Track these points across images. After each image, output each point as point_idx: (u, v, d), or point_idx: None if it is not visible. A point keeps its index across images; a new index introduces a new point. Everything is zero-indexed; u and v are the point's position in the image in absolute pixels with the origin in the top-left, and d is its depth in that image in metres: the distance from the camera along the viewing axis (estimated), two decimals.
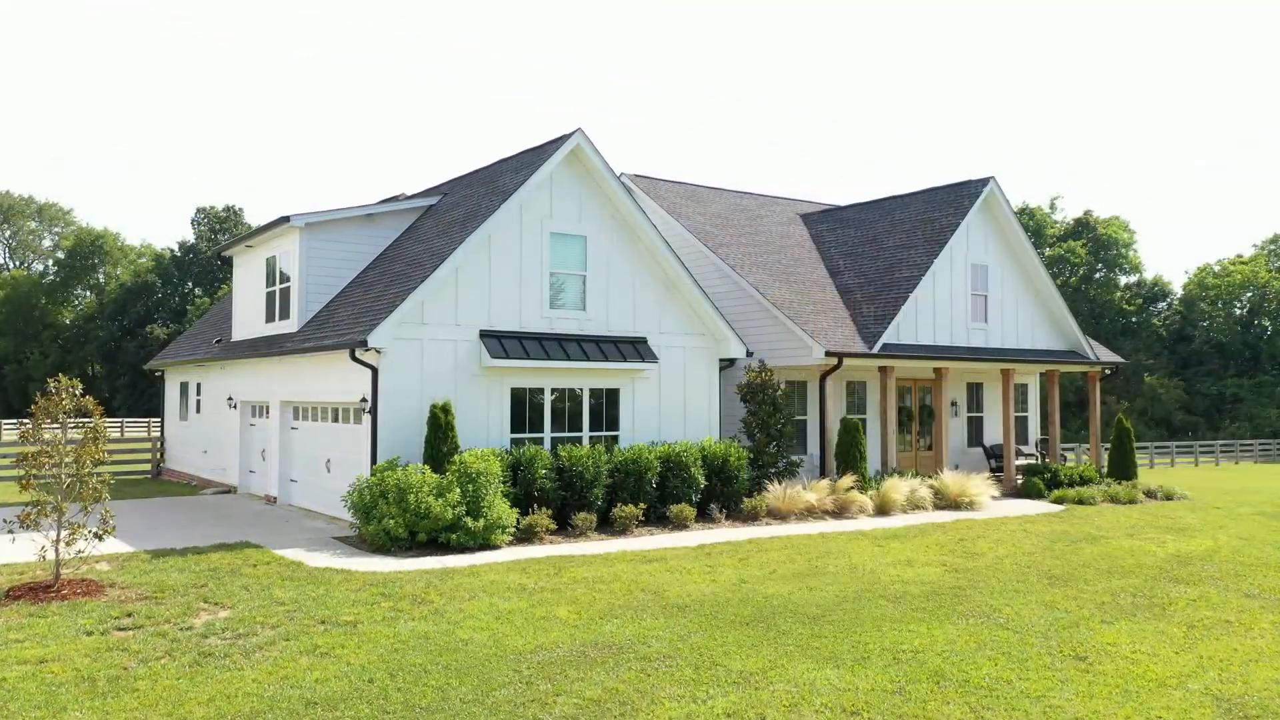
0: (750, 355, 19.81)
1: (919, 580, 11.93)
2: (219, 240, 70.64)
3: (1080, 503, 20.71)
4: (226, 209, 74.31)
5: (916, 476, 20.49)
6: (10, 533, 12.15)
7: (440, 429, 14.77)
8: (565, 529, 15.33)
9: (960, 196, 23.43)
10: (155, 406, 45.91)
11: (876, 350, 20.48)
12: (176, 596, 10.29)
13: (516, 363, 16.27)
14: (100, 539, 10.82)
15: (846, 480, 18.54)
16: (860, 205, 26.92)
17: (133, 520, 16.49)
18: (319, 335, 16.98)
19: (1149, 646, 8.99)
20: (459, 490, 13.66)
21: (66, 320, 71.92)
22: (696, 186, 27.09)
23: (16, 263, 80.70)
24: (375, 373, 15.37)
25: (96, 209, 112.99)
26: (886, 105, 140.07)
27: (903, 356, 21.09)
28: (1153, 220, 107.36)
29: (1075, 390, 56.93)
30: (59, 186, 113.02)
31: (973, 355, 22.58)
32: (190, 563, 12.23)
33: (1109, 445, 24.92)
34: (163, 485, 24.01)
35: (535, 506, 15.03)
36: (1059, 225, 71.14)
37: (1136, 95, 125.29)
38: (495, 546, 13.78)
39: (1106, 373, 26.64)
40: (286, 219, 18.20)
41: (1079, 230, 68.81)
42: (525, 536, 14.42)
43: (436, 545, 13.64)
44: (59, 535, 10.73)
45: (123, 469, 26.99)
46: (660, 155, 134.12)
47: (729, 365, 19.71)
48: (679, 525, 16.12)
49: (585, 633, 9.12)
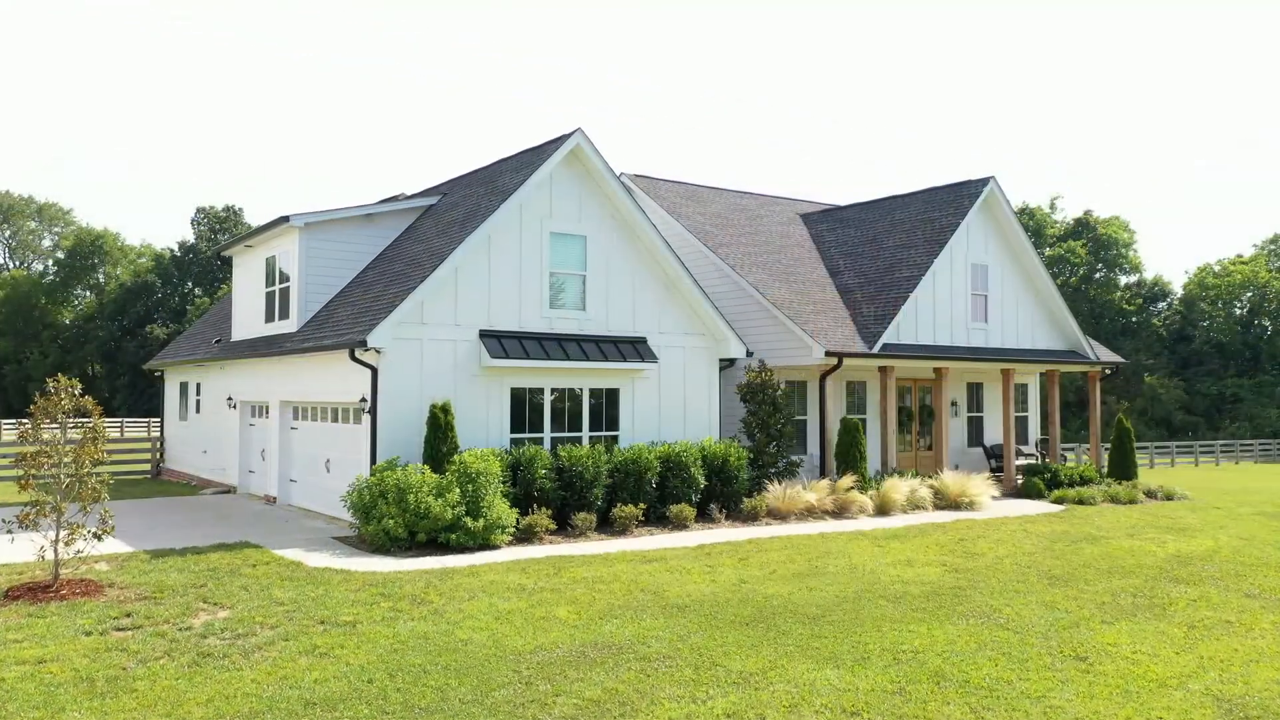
0: (750, 355, 19.80)
1: (919, 580, 11.92)
2: (219, 240, 70.64)
3: (1080, 503, 20.69)
4: (226, 209, 74.31)
5: (916, 476, 20.48)
6: (9, 533, 12.13)
7: (440, 429, 14.75)
8: (565, 529, 15.32)
9: (960, 196, 23.42)
10: (155, 406, 45.94)
11: (876, 350, 20.47)
12: (176, 597, 10.28)
13: (516, 363, 16.26)
14: (99, 539, 10.81)
15: (846, 480, 18.53)
16: (860, 205, 26.91)
17: (132, 520, 16.47)
18: (318, 335, 16.97)
19: (1149, 647, 8.98)
20: (458, 490, 13.65)
21: (66, 320, 71.92)
22: (696, 186, 27.07)
23: (16, 263, 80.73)
24: (375, 372, 15.36)
25: (96, 209, 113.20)
26: (886, 105, 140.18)
27: (903, 356, 21.08)
28: (1153, 220, 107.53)
29: (1075, 390, 56.93)
30: (59, 186, 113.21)
31: (973, 355, 22.58)
32: (189, 563, 12.22)
33: (1109, 445, 24.92)
34: (162, 485, 24.01)
35: (535, 506, 15.01)
36: (1059, 225, 71.17)
37: (1136, 95, 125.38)
38: (495, 546, 13.78)
39: (1106, 373, 26.63)
40: (286, 219, 18.20)
41: (1079, 230, 68.84)
42: (525, 536, 14.41)
43: (436, 545, 13.63)
44: (58, 535, 10.72)
45: (122, 469, 26.98)
46: (660, 155, 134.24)
47: (729, 365, 19.70)
48: (679, 525, 16.11)
49: (585, 633, 9.11)
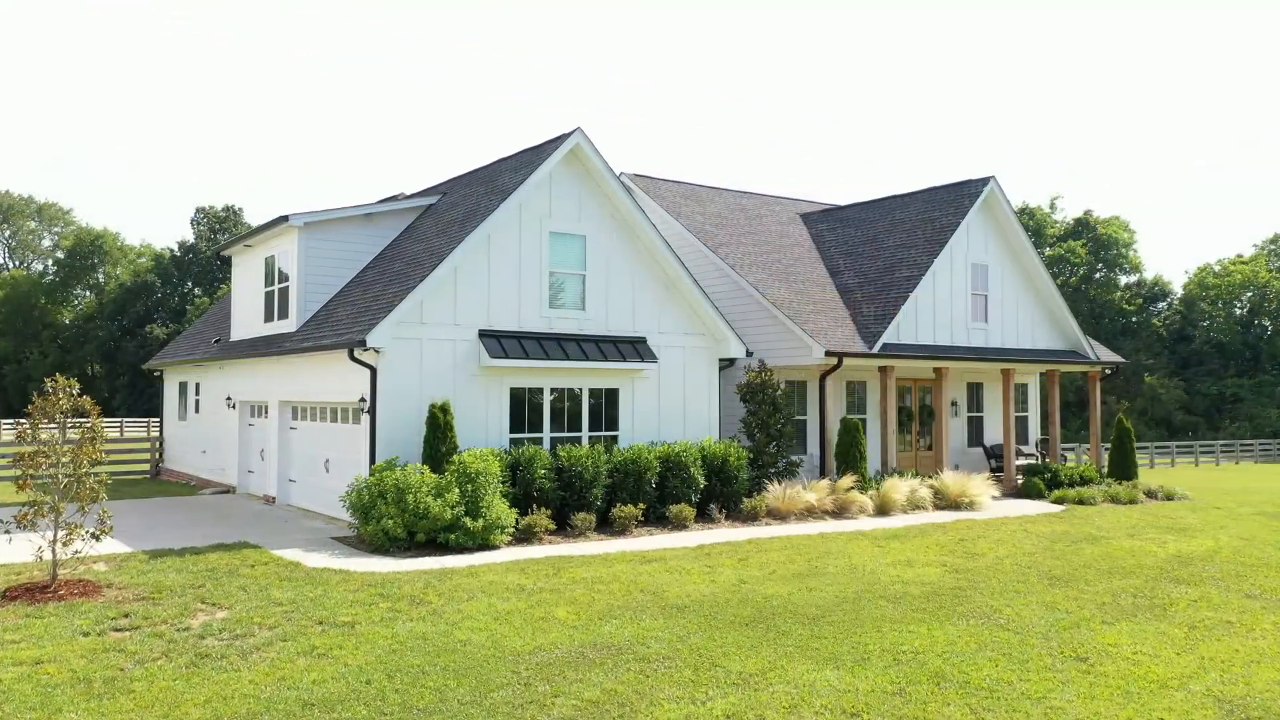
0: (750, 355, 19.78)
1: (919, 581, 11.90)
2: (218, 240, 70.60)
3: (1080, 503, 20.67)
4: (226, 209, 74.26)
5: (916, 476, 20.45)
6: (7, 533, 12.09)
7: (439, 429, 14.73)
8: (564, 529, 15.29)
9: (960, 196, 23.40)
10: (154, 406, 45.93)
11: (876, 350, 20.45)
12: (174, 597, 10.25)
13: (515, 362, 16.23)
14: (97, 539, 10.79)
15: (846, 480, 18.50)
16: (860, 205, 26.88)
17: (131, 520, 16.45)
18: (318, 335, 16.95)
19: (1150, 647, 8.96)
20: (458, 490, 13.63)
21: (66, 320, 71.87)
22: (696, 186, 27.05)
23: (16, 263, 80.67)
24: (374, 372, 15.34)
25: (96, 209, 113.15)
26: (886, 105, 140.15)
27: (903, 356, 21.06)
28: (1153, 220, 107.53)
29: (1075, 390, 56.90)
30: (59, 186, 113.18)
31: (973, 355, 22.55)
32: (188, 563, 12.19)
33: (1109, 445, 24.89)
34: (161, 485, 23.98)
35: (534, 507, 14.99)
36: (1059, 225, 71.15)
37: (1136, 95, 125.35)
38: (494, 547, 13.75)
39: (1107, 373, 26.61)
40: (285, 218, 18.17)
41: (1079, 230, 68.82)
42: (524, 537, 14.38)
43: (435, 545, 13.60)
44: (56, 535, 10.69)
45: (121, 469, 26.95)
46: (660, 155, 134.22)
47: (729, 365, 19.68)
48: (678, 525, 16.08)
49: (584, 633, 9.08)
